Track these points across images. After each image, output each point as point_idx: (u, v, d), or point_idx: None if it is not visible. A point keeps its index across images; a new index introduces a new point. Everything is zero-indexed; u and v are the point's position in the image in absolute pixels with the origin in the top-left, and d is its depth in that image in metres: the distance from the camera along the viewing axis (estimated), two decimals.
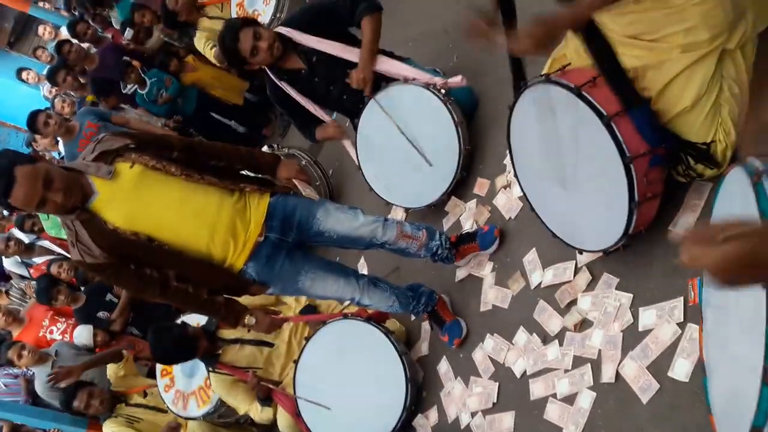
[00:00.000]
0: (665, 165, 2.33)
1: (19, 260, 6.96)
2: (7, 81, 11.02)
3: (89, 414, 4.72)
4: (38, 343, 5.41)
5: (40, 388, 5.19)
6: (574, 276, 2.77)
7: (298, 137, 4.66)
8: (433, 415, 3.25)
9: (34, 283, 6.20)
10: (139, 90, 6.11)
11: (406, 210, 4.01)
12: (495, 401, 2.92)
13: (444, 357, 3.31)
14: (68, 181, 2.55)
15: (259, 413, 4.01)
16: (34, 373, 5.33)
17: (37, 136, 7.55)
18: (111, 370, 4.87)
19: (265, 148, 5.08)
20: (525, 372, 2.82)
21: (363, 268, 4.19)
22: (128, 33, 6.08)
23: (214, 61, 5.67)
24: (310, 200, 2.97)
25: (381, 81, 3.61)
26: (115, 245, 2.63)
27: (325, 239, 2.99)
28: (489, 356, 3.03)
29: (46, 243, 6.98)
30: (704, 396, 2.00)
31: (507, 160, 3.33)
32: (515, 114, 2.61)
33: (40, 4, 10.40)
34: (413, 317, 3.52)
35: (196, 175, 2.71)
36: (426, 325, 3.51)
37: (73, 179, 2.58)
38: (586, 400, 2.49)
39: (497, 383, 2.95)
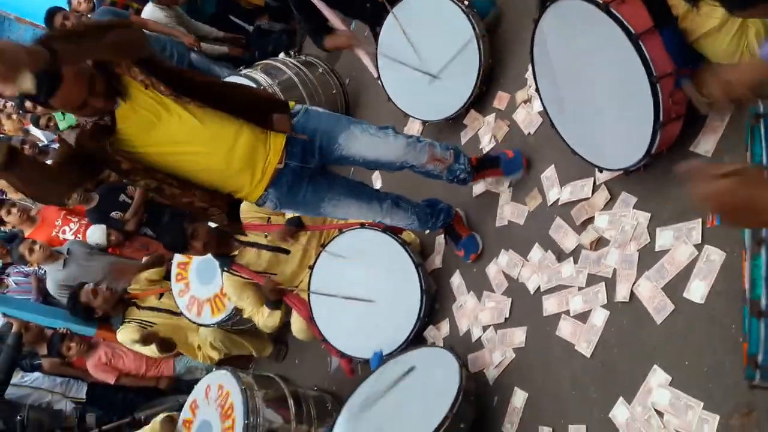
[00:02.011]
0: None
1: None
2: None
3: (95, 308, 4.64)
4: (51, 242, 5.37)
5: (51, 286, 5.21)
6: (592, 194, 2.75)
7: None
8: (444, 327, 3.30)
9: None
10: None
11: (424, 123, 3.96)
12: (507, 316, 2.96)
13: (457, 271, 3.35)
14: (106, 85, 2.47)
15: (264, 318, 4.08)
16: (45, 272, 5.35)
17: None
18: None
19: (281, 55, 4.99)
20: (538, 288, 2.84)
21: (377, 182, 4.18)
22: None
23: None
24: (333, 123, 2.81)
25: None
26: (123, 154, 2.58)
27: (350, 162, 2.90)
28: (503, 271, 3.06)
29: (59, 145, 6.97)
30: (717, 317, 2.03)
31: (528, 75, 3.27)
32: (540, 28, 2.54)
33: None
34: (428, 231, 3.54)
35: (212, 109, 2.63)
36: (440, 239, 3.53)
37: (110, 82, 2.50)
38: (599, 318, 2.52)
39: (510, 298, 2.98)
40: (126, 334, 4.61)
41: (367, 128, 2.84)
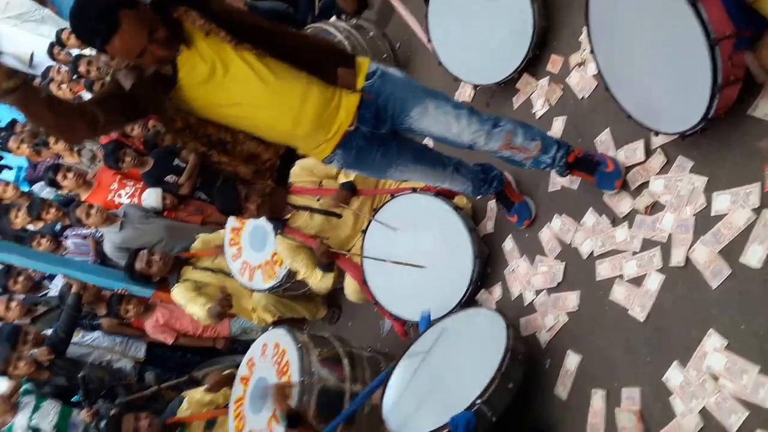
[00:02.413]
0: (749, 48, 2.23)
1: None
2: None
3: (152, 274, 4.78)
4: (106, 206, 5.46)
5: (108, 248, 5.32)
6: (648, 158, 2.73)
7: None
8: (496, 290, 3.33)
9: (101, 147, 6.29)
10: None
11: (475, 87, 3.95)
12: (560, 280, 2.97)
13: (509, 235, 3.36)
14: (168, 31, 2.31)
15: (318, 280, 4.16)
16: (102, 234, 5.47)
17: None
18: (216, 234, 4.91)
19: (333, 19, 5.00)
20: (592, 253, 2.85)
21: (430, 140, 4.17)
22: None
23: None
24: (409, 93, 2.63)
25: None
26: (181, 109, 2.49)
27: (417, 134, 2.80)
28: (556, 236, 3.07)
29: None
30: None
31: (582, 37, 3.24)
32: None
33: None
34: (479, 197, 3.55)
35: (276, 61, 2.47)
36: (492, 204, 3.54)
37: (172, 28, 2.34)
38: (654, 282, 2.52)
39: (563, 263, 2.99)
40: (179, 293, 4.72)
41: (442, 104, 2.66)
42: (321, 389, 3.36)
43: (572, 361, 2.75)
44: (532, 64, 3.53)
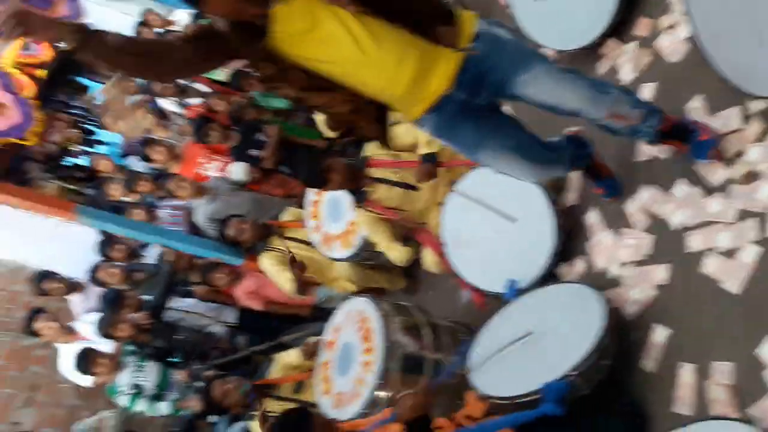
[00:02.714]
0: None
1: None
2: None
3: (242, 240, 4.94)
4: (195, 179, 5.65)
5: (199, 219, 5.47)
6: (745, 124, 2.60)
7: None
8: (579, 264, 3.25)
9: (189, 122, 6.48)
10: None
11: (557, 53, 3.83)
12: (648, 253, 2.87)
13: (593, 207, 3.26)
14: None
15: (398, 253, 4.19)
16: (193, 205, 5.61)
17: None
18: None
19: None
20: (683, 224, 2.74)
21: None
22: None
23: None
24: (517, 57, 2.44)
25: None
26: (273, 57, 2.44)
27: (517, 101, 2.60)
28: (643, 207, 2.96)
29: (199, 85, 7.20)
30: None
31: None
32: None
33: None
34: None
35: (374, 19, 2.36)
36: (574, 174, 3.44)
37: None
38: (749, 254, 2.42)
39: (651, 235, 2.89)
40: (267, 261, 4.87)
41: (552, 68, 2.49)
42: (403, 356, 3.41)
43: (660, 334, 2.68)
44: (619, 28, 3.38)
